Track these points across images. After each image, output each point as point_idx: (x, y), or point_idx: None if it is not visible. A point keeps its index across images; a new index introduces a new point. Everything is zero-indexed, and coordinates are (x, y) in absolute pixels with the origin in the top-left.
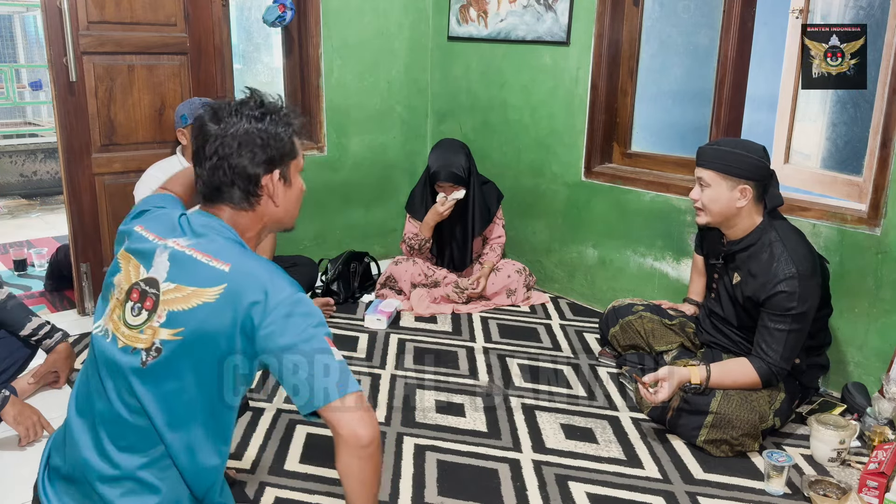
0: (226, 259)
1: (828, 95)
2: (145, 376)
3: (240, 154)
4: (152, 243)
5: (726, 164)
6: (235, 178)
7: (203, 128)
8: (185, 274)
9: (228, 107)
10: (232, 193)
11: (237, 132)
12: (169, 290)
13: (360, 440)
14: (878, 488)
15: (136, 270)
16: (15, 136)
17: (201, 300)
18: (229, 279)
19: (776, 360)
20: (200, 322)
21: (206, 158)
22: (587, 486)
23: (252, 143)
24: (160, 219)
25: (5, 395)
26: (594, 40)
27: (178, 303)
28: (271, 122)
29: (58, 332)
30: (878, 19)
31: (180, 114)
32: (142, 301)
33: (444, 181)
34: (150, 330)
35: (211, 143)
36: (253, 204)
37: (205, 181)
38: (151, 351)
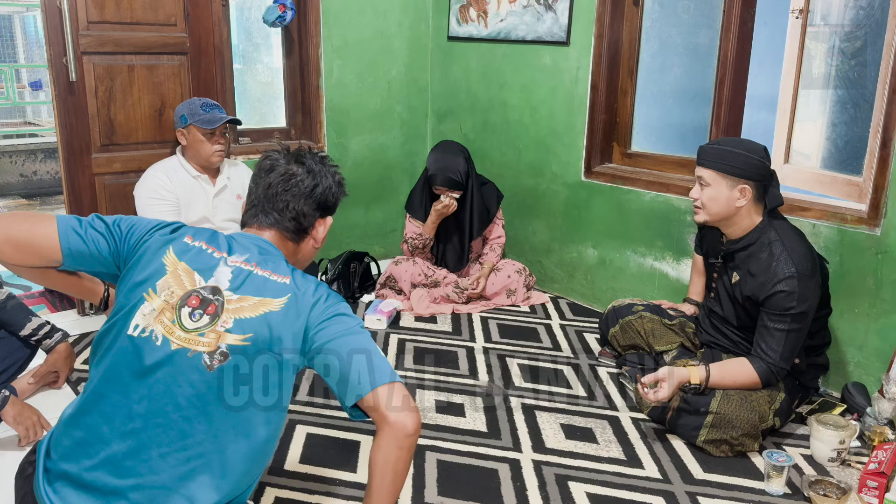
0: (284, 273)
1: (828, 95)
2: (211, 379)
3: (311, 196)
4: (211, 256)
5: (726, 164)
6: (299, 212)
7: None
8: (250, 286)
9: (311, 155)
10: (288, 224)
11: (315, 179)
12: (233, 300)
13: (406, 428)
14: (878, 488)
15: (191, 278)
16: (15, 136)
17: (268, 308)
18: (292, 290)
19: (776, 359)
20: (268, 328)
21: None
22: (587, 486)
23: (324, 191)
24: (208, 233)
25: (5, 395)
26: (594, 40)
27: (245, 311)
28: (337, 181)
29: (58, 332)
30: (878, 19)
31: (180, 114)
32: (202, 307)
33: (440, 185)
34: (213, 334)
35: (288, 178)
36: (299, 239)
37: (267, 209)
38: (216, 354)
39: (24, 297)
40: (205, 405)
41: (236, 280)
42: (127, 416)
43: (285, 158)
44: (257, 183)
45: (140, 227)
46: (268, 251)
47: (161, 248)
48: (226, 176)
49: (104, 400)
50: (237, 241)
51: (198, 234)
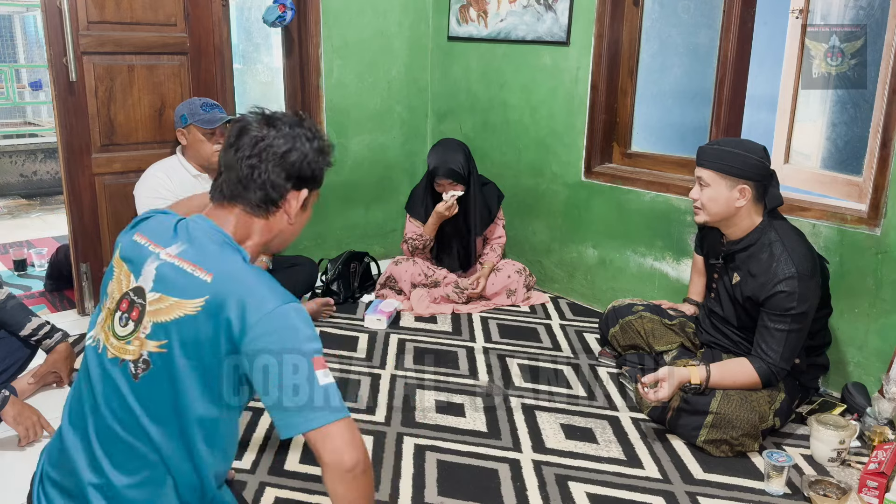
0: (210, 268)
1: (828, 95)
2: (138, 390)
3: (282, 162)
4: (145, 251)
5: (726, 164)
6: (266, 182)
7: (249, 126)
8: (170, 284)
9: (284, 117)
10: (254, 195)
11: (286, 143)
12: (154, 301)
13: (343, 464)
14: (878, 488)
15: (128, 279)
16: (15, 136)
17: (183, 312)
18: (211, 290)
19: (776, 360)
20: (183, 334)
21: (246, 156)
22: (587, 486)
23: (295, 157)
24: (158, 225)
25: (5, 395)
26: (594, 40)
27: (161, 314)
28: (317, 148)
29: (58, 333)
30: (878, 19)
31: (180, 114)
32: (129, 311)
33: (442, 177)
34: (137, 341)
35: (257, 142)
36: (269, 213)
37: (232, 178)
38: (140, 363)
39: (24, 297)
40: (134, 415)
41: (160, 278)
42: (84, 427)
43: (258, 121)
44: (226, 150)
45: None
46: (212, 238)
47: (116, 248)
48: None
49: (71, 410)
50: (187, 228)
51: (147, 227)
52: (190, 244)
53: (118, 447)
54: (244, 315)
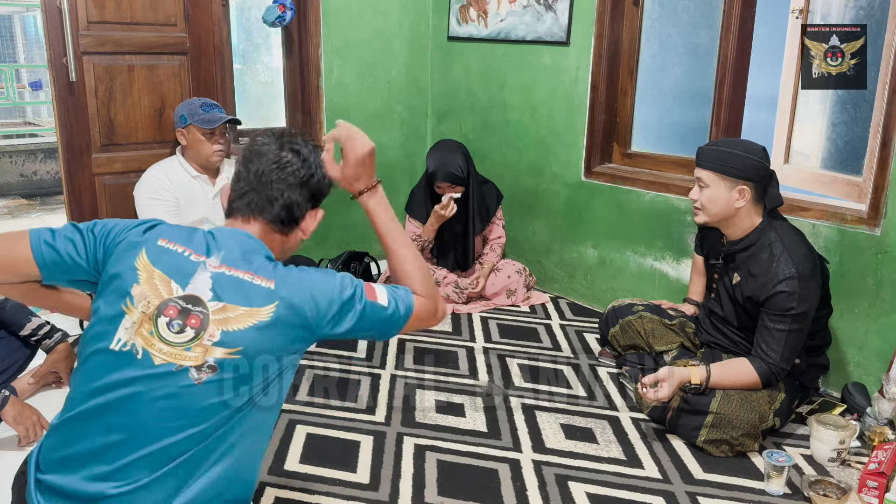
0: (268, 276)
1: (828, 95)
2: (197, 393)
3: (303, 186)
4: (187, 260)
5: (725, 165)
6: (292, 202)
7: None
8: (232, 294)
9: (304, 142)
10: (279, 215)
11: (310, 168)
12: (218, 310)
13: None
14: (878, 488)
15: (167, 286)
16: (15, 136)
17: (256, 319)
18: (279, 296)
19: (776, 360)
20: (259, 340)
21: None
22: (587, 486)
23: (316, 181)
24: (184, 232)
25: (5, 395)
26: (594, 40)
27: (231, 322)
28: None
29: (57, 332)
30: (878, 19)
31: (179, 114)
32: (183, 318)
33: (441, 181)
34: (199, 348)
35: (282, 166)
36: (288, 231)
37: (257, 198)
38: (204, 368)
39: None
40: (190, 419)
41: (218, 287)
42: (106, 428)
43: (276, 144)
44: (247, 168)
45: (117, 228)
46: (250, 248)
47: (132, 250)
48: (225, 176)
49: (85, 412)
50: (217, 238)
51: (173, 234)
52: (230, 253)
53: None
54: (317, 307)
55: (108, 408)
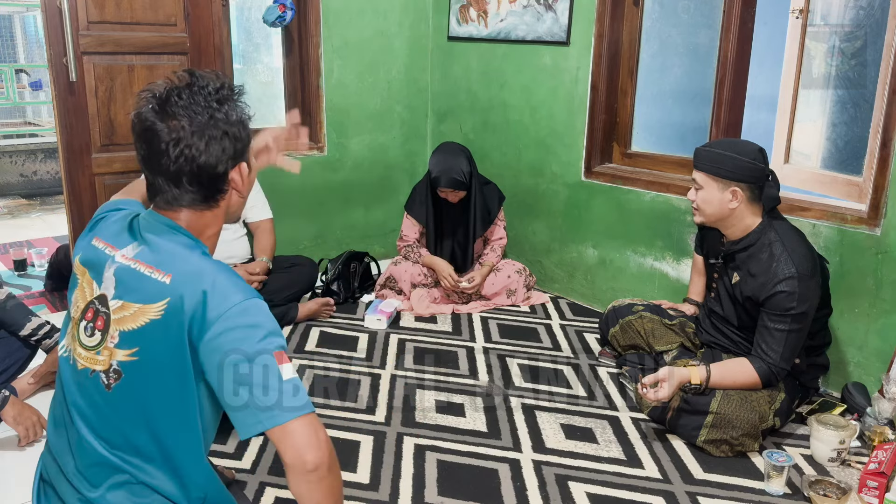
0: (168, 269)
1: (828, 95)
2: (111, 400)
3: (207, 152)
4: (103, 255)
5: (716, 166)
6: (203, 179)
7: (155, 127)
8: (130, 290)
9: (178, 97)
10: (195, 195)
11: (200, 128)
12: (117, 308)
13: (305, 465)
14: (878, 488)
15: (91, 287)
16: (15, 136)
17: (148, 318)
18: (171, 292)
19: (776, 360)
20: (152, 340)
21: (169, 162)
22: (587, 486)
23: (219, 138)
24: (114, 225)
25: (5, 395)
26: (594, 40)
27: (127, 322)
28: (231, 109)
29: (57, 332)
30: (878, 19)
31: None
32: (94, 321)
33: (444, 187)
34: (106, 351)
35: (173, 144)
36: (218, 201)
37: (165, 186)
38: (111, 373)
39: (24, 297)
40: (112, 425)
41: (119, 283)
42: (65, 436)
43: (157, 116)
44: (144, 159)
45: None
46: (167, 237)
47: (74, 255)
48: None
49: (53, 418)
50: (141, 226)
51: (105, 229)
52: (146, 244)
53: (93, 459)
54: (205, 312)
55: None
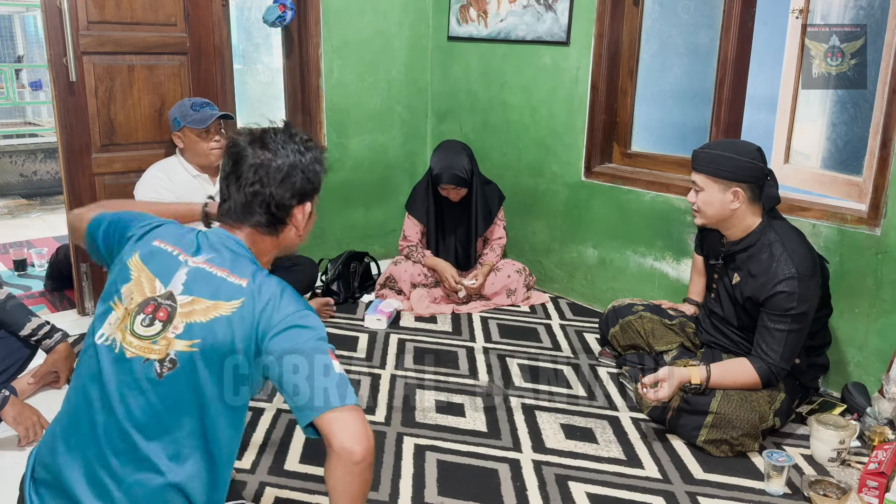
0: (242, 275)
1: (828, 95)
2: (160, 388)
3: (282, 185)
4: (174, 259)
5: (716, 167)
6: (271, 206)
7: (244, 152)
8: (203, 287)
9: (275, 136)
10: (261, 219)
11: (284, 164)
12: (186, 303)
13: (353, 455)
14: (878, 488)
15: (151, 284)
16: (15, 136)
17: (219, 312)
18: (246, 294)
19: (776, 360)
20: (216, 334)
21: (247, 183)
22: (587, 486)
23: (295, 176)
24: (178, 232)
25: (5, 395)
26: (594, 40)
27: (196, 315)
28: (312, 158)
29: (57, 333)
30: (878, 19)
31: (172, 118)
32: (155, 313)
33: (446, 184)
34: (164, 341)
35: (255, 168)
36: (277, 231)
37: (237, 203)
38: (166, 362)
39: (24, 297)
40: (156, 414)
41: (191, 281)
42: (91, 425)
43: (251, 145)
44: (225, 176)
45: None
46: (235, 251)
47: (130, 251)
48: None
49: (74, 410)
50: (209, 239)
51: (167, 235)
52: (217, 253)
53: (129, 446)
54: (272, 314)
55: (92, 402)
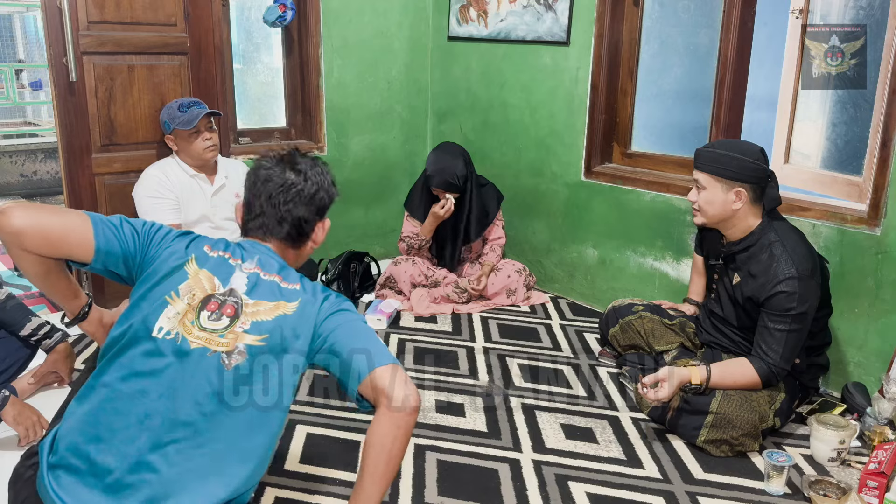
0: (292, 280)
1: (828, 95)
2: (228, 377)
3: (310, 204)
4: (228, 263)
5: (720, 167)
6: (300, 222)
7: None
8: (263, 292)
9: (305, 160)
10: (291, 232)
11: (312, 185)
12: (251, 304)
13: (407, 406)
14: (878, 488)
15: (211, 283)
16: (15, 136)
17: (282, 311)
18: (301, 295)
19: (776, 360)
20: (283, 329)
21: (281, 202)
22: (587, 486)
23: (320, 196)
24: (221, 242)
25: (5, 395)
26: (594, 40)
27: (261, 314)
28: (331, 180)
29: (57, 333)
30: (878, 19)
31: (162, 121)
32: (221, 309)
33: (437, 187)
34: (231, 335)
35: (287, 189)
36: (300, 244)
37: (270, 218)
38: (234, 354)
39: (24, 297)
40: (222, 402)
41: (252, 285)
42: (145, 413)
43: (279, 166)
44: (256, 193)
45: (162, 233)
46: (273, 259)
47: (183, 255)
48: (223, 174)
49: (122, 397)
50: (246, 249)
51: (215, 243)
52: (261, 261)
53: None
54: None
55: (141, 392)
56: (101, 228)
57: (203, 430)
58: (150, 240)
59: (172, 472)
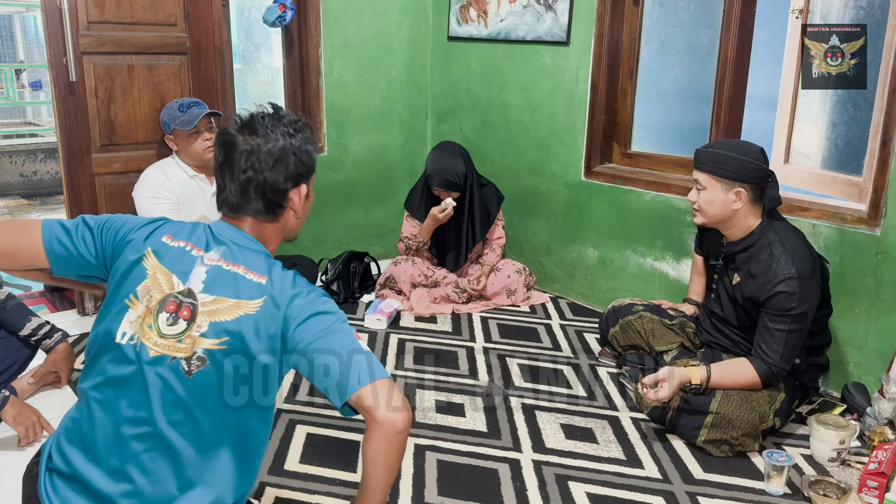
0: (259, 271)
1: (828, 95)
2: (190, 386)
3: (275, 169)
4: (188, 255)
5: (720, 167)
6: (266, 191)
7: (235, 140)
8: (225, 286)
9: (263, 120)
10: (258, 205)
11: (274, 148)
12: (209, 302)
13: (396, 425)
14: (878, 488)
15: (169, 280)
16: (15, 136)
17: (243, 311)
18: (267, 291)
19: (776, 360)
20: (244, 331)
21: (240, 171)
22: (587, 486)
23: (287, 159)
24: (185, 228)
25: (5, 395)
26: (594, 40)
27: (220, 314)
28: (303, 139)
29: (57, 332)
30: (878, 19)
31: (163, 121)
32: (178, 311)
33: (437, 186)
34: (189, 339)
35: (246, 155)
36: (277, 216)
37: (233, 193)
38: (193, 360)
39: (24, 297)
40: (187, 411)
41: (211, 280)
42: (116, 422)
43: (240, 132)
44: (221, 166)
45: (126, 226)
46: (244, 245)
47: (140, 249)
48: None
49: (95, 406)
50: (216, 232)
51: (177, 231)
52: (228, 248)
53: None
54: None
55: (113, 400)
56: (49, 239)
57: (173, 439)
58: (114, 235)
59: (149, 481)
